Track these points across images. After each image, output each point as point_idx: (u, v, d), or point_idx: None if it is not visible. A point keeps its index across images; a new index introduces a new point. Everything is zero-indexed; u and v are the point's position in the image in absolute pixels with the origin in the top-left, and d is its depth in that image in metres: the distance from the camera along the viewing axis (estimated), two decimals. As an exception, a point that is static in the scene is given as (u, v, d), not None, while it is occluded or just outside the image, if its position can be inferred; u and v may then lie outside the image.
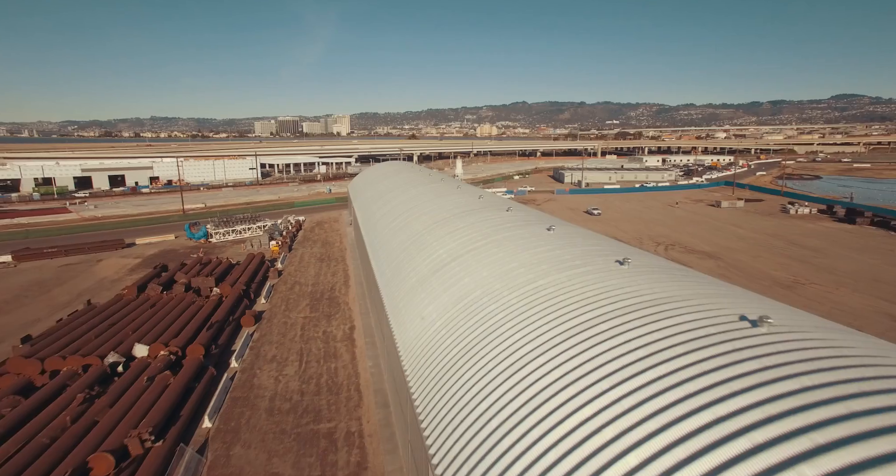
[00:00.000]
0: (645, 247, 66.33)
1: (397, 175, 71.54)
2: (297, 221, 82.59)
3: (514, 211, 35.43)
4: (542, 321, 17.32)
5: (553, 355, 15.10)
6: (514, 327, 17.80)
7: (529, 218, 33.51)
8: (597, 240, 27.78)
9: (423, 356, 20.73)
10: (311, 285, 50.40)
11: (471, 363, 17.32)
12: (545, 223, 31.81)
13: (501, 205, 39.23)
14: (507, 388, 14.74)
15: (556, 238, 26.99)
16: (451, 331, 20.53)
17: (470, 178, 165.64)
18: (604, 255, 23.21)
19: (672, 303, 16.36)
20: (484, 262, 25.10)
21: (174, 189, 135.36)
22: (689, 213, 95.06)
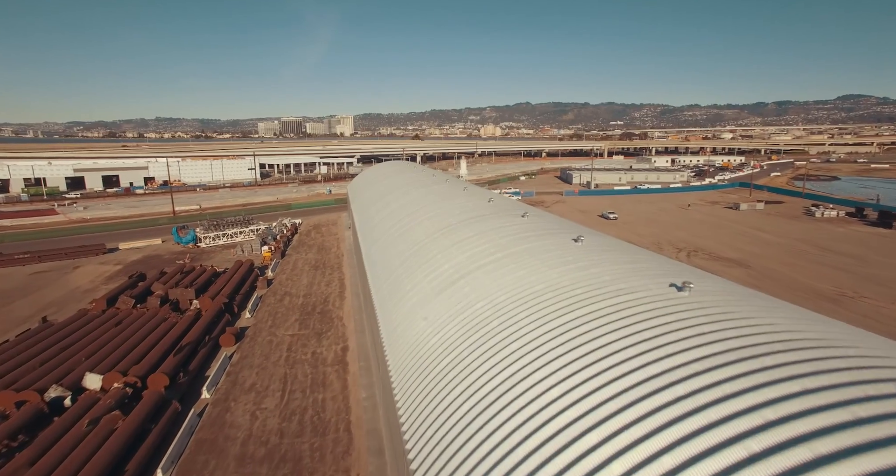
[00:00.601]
0: (665, 253, 61.45)
1: (399, 175, 66.93)
2: (292, 225, 78.09)
3: (532, 217, 30.69)
4: (595, 382, 12.18)
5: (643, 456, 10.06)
6: (554, 385, 12.81)
7: (550, 225, 28.76)
8: (638, 254, 22.94)
9: (426, 407, 16.03)
10: (302, 297, 45.78)
11: (491, 430, 12.53)
12: (569, 231, 27.07)
13: (515, 209, 34.50)
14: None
15: (588, 251, 22.23)
16: (464, 377, 15.83)
17: (474, 178, 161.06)
18: (654, 277, 18.44)
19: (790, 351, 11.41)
20: (501, 281, 20.37)
21: (168, 190, 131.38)
22: (707, 216, 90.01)
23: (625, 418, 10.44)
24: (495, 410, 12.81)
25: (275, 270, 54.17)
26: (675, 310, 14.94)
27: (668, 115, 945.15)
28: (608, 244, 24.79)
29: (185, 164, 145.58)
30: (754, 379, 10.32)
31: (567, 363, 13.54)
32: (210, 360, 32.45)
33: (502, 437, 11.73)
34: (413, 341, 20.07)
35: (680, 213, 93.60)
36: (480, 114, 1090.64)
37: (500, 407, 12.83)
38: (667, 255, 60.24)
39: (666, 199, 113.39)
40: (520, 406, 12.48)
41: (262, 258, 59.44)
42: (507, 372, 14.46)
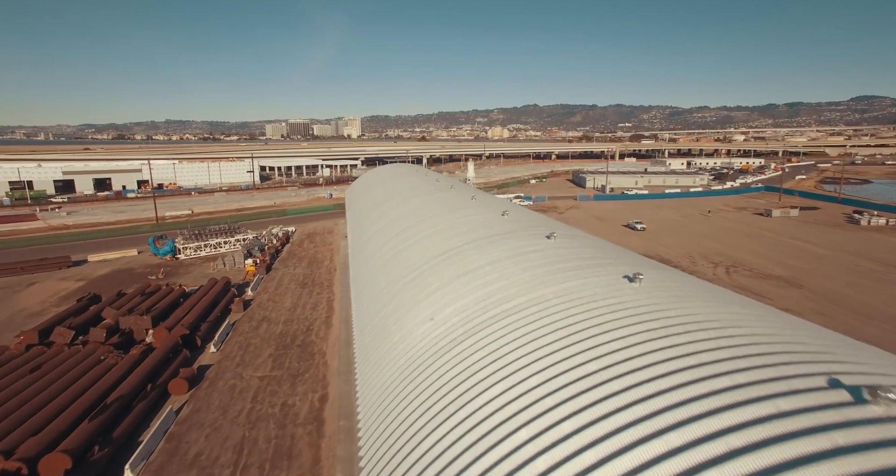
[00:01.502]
0: (699, 268, 54.13)
1: (400, 180, 60.16)
2: (284, 233, 71.55)
3: (561, 238, 23.62)
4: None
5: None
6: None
7: (590, 252, 21.61)
8: (747, 307, 15.65)
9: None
10: (282, 323, 39.03)
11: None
12: (616, 260, 20.02)
13: (537, 226, 27.51)
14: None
15: (655, 297, 15.11)
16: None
17: (482, 182, 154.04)
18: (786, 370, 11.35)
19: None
20: (534, 357, 13.31)
21: (164, 193, 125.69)
22: (737, 224, 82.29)
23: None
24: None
25: (256, 289, 47.51)
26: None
27: (677, 116, 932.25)
28: (678, 281, 17.63)
29: (181, 167, 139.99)
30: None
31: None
32: (152, 416, 25.74)
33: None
34: (402, 438, 13.15)
35: (706, 221, 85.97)
36: (488, 116, 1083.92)
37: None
38: (701, 271, 52.97)
39: (688, 205, 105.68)
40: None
41: (244, 273, 52.88)
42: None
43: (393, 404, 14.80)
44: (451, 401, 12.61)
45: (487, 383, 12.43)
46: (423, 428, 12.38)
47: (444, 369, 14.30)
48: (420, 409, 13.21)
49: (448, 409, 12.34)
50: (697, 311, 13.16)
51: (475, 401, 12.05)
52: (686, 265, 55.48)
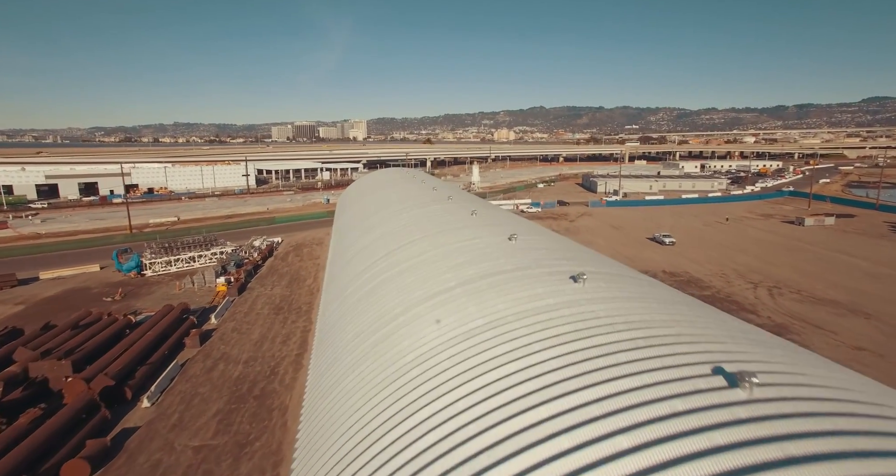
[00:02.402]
0: (735, 289, 46.84)
1: (394, 188, 53.36)
2: (268, 245, 64.97)
3: (593, 280, 16.46)
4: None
5: None
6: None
7: (634, 308, 14.45)
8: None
9: None
10: (242, 363, 32.25)
11: None
12: (675, 311, 12.98)
13: (559, 257, 20.44)
14: None
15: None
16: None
17: (488, 186, 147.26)
18: None
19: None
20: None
21: (153, 198, 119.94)
22: (768, 234, 74.71)
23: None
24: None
25: (222, 315, 40.81)
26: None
27: (685, 118, 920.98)
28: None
29: (173, 170, 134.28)
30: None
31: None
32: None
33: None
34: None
35: (732, 230, 78.42)
36: (494, 118, 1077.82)
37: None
38: (739, 293, 45.67)
39: (708, 211, 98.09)
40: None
41: (214, 294, 46.27)
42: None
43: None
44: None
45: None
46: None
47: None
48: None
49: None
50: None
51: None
52: (720, 286, 48.15)
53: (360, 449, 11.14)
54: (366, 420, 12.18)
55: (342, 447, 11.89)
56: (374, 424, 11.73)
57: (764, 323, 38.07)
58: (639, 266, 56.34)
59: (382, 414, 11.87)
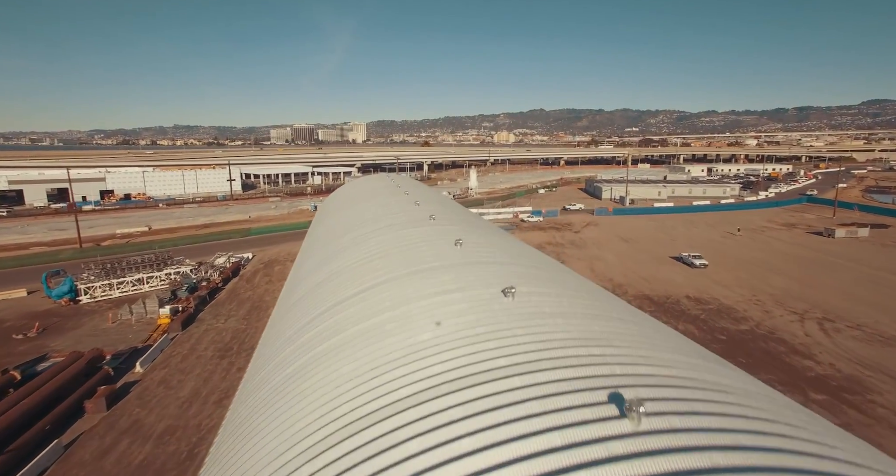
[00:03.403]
0: (778, 323, 39.11)
1: (372, 200, 45.42)
2: (234, 262, 57.26)
3: (656, 421, 8.62)
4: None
5: None
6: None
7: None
8: None
9: None
10: (154, 440, 24.48)
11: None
12: None
13: (578, 340, 12.60)
14: None
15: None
16: None
17: (486, 191, 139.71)
18: None
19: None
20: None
21: (128, 205, 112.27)
22: (798, 248, 66.98)
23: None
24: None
25: (151, 361, 33.02)
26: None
27: (685, 121, 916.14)
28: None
29: (152, 175, 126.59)
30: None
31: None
32: None
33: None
34: None
35: (756, 243, 70.74)
36: (494, 120, 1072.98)
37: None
38: (783, 327, 37.93)
39: (724, 220, 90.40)
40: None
41: (154, 329, 38.54)
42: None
43: None
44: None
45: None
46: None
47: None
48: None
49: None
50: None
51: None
52: (758, 317, 40.38)
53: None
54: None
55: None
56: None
57: (827, 374, 30.33)
58: (657, 289, 48.66)
59: None
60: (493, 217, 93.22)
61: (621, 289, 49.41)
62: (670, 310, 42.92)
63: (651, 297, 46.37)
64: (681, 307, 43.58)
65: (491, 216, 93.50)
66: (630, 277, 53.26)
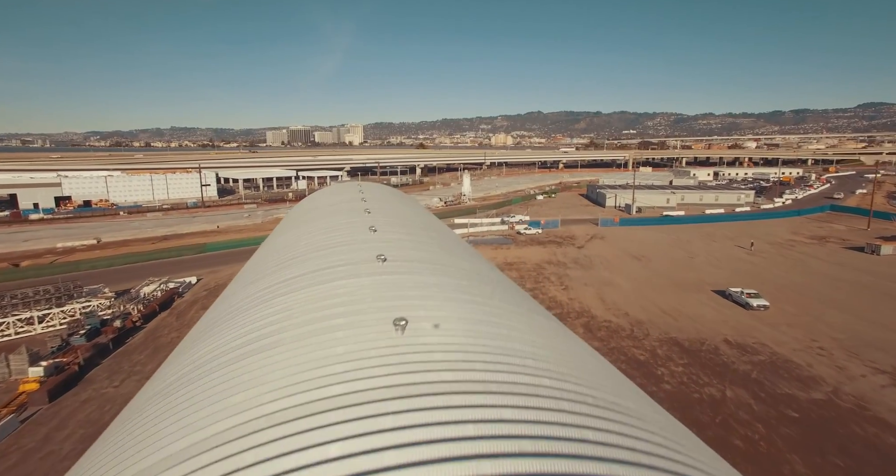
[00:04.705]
0: (860, 385, 29.22)
1: (331, 218, 35.35)
2: (170, 289, 47.03)
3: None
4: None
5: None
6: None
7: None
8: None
9: None
10: None
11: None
12: None
13: None
14: None
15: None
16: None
17: (480, 197, 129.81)
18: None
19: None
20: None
21: (84, 213, 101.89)
22: (842, 269, 57.09)
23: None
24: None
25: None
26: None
27: (682, 123, 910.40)
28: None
29: (116, 180, 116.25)
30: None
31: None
32: None
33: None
34: None
35: (789, 262, 60.94)
36: (492, 123, 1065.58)
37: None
38: (870, 392, 27.99)
39: (744, 232, 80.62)
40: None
41: (12, 397, 28.36)
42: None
43: None
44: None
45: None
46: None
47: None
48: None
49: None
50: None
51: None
52: (832, 377, 30.41)
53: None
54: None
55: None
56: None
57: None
58: (686, 330, 38.71)
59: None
60: (487, 228, 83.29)
61: (641, 328, 39.49)
62: (708, 362, 33.00)
63: (680, 343, 36.44)
64: (721, 358, 33.64)
65: (484, 227, 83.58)
66: (650, 311, 43.34)
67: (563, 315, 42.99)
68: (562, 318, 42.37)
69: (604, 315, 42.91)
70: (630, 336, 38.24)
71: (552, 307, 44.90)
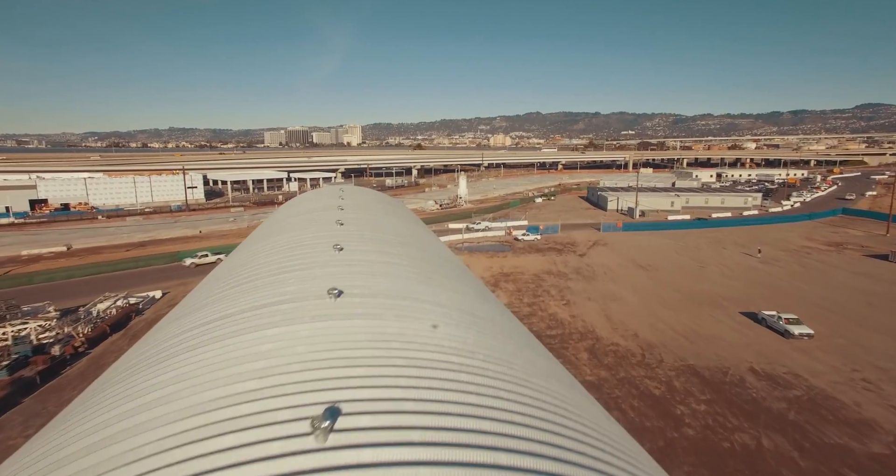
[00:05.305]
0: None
1: (304, 230, 30.62)
2: (128, 306, 42.17)
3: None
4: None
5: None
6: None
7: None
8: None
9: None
10: None
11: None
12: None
13: None
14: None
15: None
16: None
17: (477, 199, 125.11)
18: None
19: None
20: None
21: (58, 217, 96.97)
22: (868, 280, 52.44)
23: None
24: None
25: None
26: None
27: (681, 124, 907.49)
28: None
29: (96, 182, 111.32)
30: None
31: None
32: None
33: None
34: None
35: (809, 272, 56.31)
36: (490, 123, 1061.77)
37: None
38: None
39: (755, 238, 76.00)
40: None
41: None
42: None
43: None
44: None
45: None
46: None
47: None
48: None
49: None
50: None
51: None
52: (888, 420, 25.73)
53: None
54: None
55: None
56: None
57: None
58: (706, 355, 34.00)
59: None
60: (482, 234, 78.56)
61: (653, 353, 34.78)
62: (735, 398, 28.29)
63: (699, 372, 31.72)
64: (750, 393, 28.92)
65: (479, 233, 78.85)
66: (662, 332, 38.63)
67: (565, 336, 38.29)
68: (564, 340, 37.66)
69: (610, 336, 38.19)
70: (641, 363, 33.52)
71: (552, 326, 40.19)
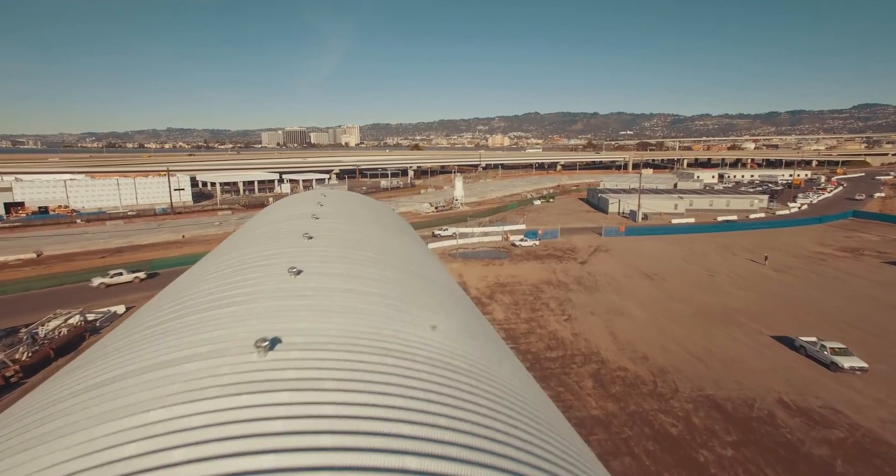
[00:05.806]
0: None
1: (279, 240, 26.66)
2: (82, 324, 38.02)
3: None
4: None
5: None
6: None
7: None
8: None
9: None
10: None
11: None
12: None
13: None
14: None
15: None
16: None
17: (474, 201, 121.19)
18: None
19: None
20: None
21: (34, 221, 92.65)
22: (894, 293, 48.67)
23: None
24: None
25: None
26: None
27: (679, 124, 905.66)
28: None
29: (77, 184, 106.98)
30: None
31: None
32: None
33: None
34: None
35: (825, 281, 52.44)
36: (489, 124, 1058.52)
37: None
38: None
39: (765, 243, 72.20)
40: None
41: None
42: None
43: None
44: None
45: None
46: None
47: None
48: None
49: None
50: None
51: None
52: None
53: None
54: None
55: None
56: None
57: None
58: (726, 383, 30.01)
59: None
60: (478, 240, 74.58)
61: (666, 380, 30.81)
62: (766, 440, 24.33)
63: (721, 404, 27.76)
64: (783, 434, 24.96)
65: (475, 238, 74.88)
66: (674, 353, 34.66)
67: (567, 358, 34.31)
68: (565, 363, 33.64)
69: (617, 359, 34.21)
70: (653, 393, 29.55)
71: (552, 347, 36.19)
